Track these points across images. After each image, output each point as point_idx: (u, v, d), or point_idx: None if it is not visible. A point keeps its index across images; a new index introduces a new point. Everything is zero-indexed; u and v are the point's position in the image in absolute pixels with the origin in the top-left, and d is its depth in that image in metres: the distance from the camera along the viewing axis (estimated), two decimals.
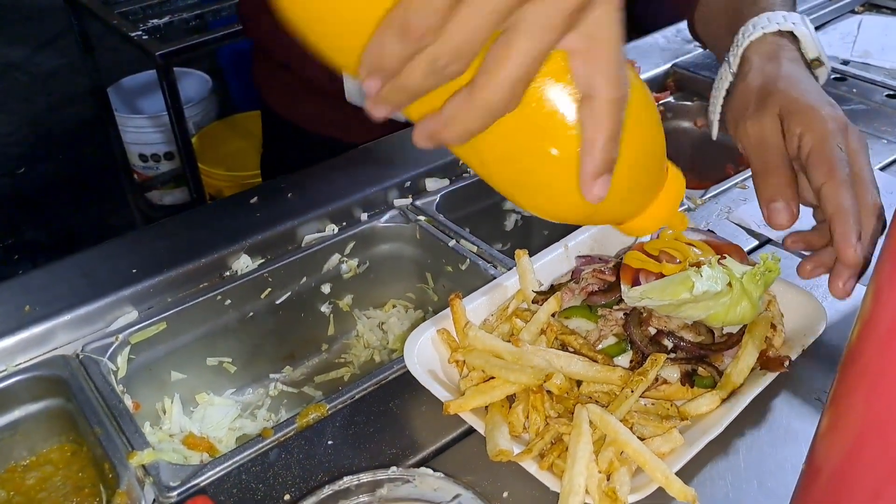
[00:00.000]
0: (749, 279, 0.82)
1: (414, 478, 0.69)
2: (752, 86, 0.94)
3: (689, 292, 0.79)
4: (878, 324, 0.55)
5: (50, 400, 0.96)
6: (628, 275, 0.89)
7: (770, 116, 0.90)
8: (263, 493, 0.79)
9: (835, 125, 0.86)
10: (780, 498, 0.76)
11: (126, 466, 0.83)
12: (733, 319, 0.83)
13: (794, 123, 0.87)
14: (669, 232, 0.91)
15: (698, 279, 0.80)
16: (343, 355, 1.23)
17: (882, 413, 0.56)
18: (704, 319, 0.84)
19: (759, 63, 0.96)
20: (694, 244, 0.90)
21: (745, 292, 0.82)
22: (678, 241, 0.90)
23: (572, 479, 0.72)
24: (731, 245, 0.93)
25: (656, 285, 0.83)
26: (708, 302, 0.81)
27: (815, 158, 0.85)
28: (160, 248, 1.11)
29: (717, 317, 0.83)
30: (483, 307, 0.95)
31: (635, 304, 0.86)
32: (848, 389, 0.59)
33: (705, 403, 0.81)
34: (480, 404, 0.81)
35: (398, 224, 1.21)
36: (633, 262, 0.89)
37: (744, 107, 0.94)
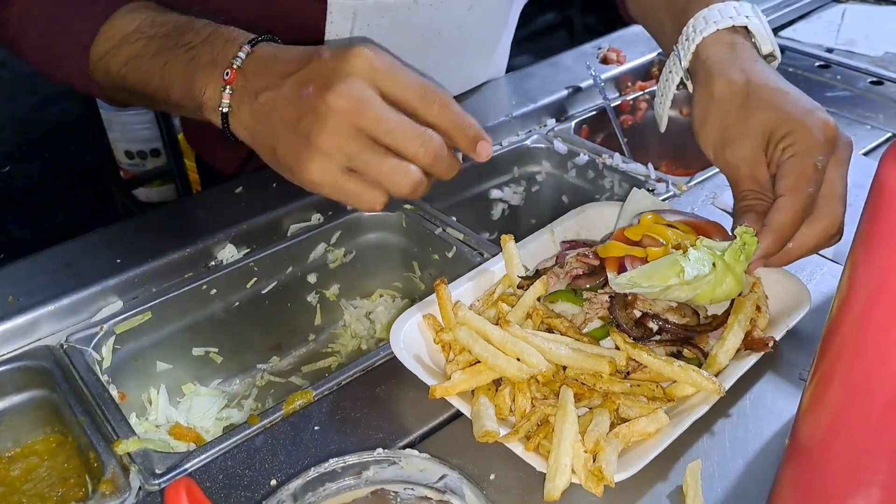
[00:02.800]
0: (731, 255, 0.83)
1: (400, 459, 0.68)
2: (726, 106, 0.90)
3: (678, 277, 0.79)
4: (854, 301, 0.56)
5: (34, 390, 0.95)
6: (613, 262, 0.89)
7: (751, 139, 0.87)
8: (250, 478, 0.79)
9: (823, 137, 0.84)
10: (766, 476, 0.76)
11: (111, 455, 0.83)
12: (720, 296, 0.84)
13: (782, 138, 0.85)
14: (650, 217, 0.92)
15: (687, 263, 0.80)
16: (330, 345, 1.23)
17: (861, 386, 0.57)
18: (691, 300, 0.84)
19: (721, 69, 0.92)
20: (674, 225, 0.91)
21: (728, 269, 0.82)
22: (658, 225, 0.91)
23: (558, 459, 0.72)
24: (710, 223, 0.94)
25: (644, 271, 0.83)
26: (693, 283, 0.81)
27: (786, 169, 0.84)
28: (145, 237, 1.11)
29: (703, 296, 0.83)
30: (469, 293, 0.95)
31: (624, 290, 0.86)
32: (828, 365, 0.60)
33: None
34: (467, 388, 0.81)
35: (384, 213, 1.21)
36: (616, 251, 0.89)
37: (721, 130, 0.90)
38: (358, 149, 0.73)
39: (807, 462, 0.64)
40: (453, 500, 0.69)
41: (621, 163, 1.29)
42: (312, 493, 0.68)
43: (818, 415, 0.61)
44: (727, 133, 0.89)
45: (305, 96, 0.73)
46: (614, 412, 0.79)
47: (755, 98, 0.88)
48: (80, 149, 3.75)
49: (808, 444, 0.63)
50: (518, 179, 1.38)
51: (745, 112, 0.88)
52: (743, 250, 0.83)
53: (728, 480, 0.77)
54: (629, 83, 1.53)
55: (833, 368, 0.59)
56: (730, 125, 0.89)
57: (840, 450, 0.59)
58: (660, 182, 1.23)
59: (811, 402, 0.63)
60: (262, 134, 0.78)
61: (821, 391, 0.61)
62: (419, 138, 0.74)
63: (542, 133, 1.39)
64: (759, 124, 0.87)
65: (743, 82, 0.90)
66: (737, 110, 0.89)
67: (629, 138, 1.42)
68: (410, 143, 0.73)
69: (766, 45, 0.97)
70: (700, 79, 0.95)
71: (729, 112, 0.89)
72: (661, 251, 0.85)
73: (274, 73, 0.77)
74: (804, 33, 1.69)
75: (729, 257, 0.82)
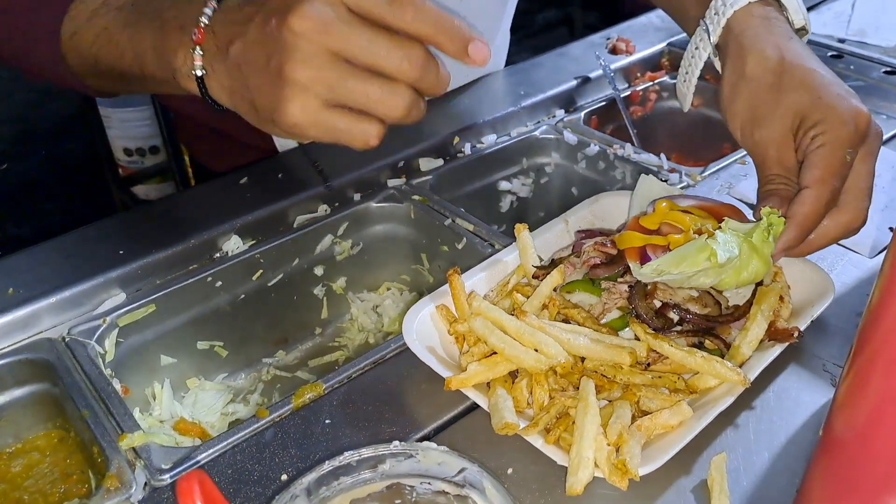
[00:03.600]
0: (758, 237, 0.80)
1: (417, 452, 0.66)
2: (757, 83, 0.87)
3: (710, 261, 0.77)
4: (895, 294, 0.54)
5: (36, 384, 0.93)
6: (634, 253, 0.86)
7: (781, 121, 0.84)
8: (260, 473, 0.77)
9: (854, 128, 0.82)
10: (792, 470, 0.74)
11: (116, 450, 0.80)
12: (745, 280, 0.81)
13: (813, 125, 0.82)
14: (664, 205, 0.89)
15: (717, 246, 0.78)
16: (337, 339, 1.20)
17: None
18: (717, 285, 0.82)
19: (753, 44, 0.88)
20: (690, 211, 0.88)
21: (754, 250, 0.80)
22: (675, 212, 0.88)
23: (581, 453, 0.69)
24: (724, 206, 0.91)
25: (670, 258, 0.81)
26: (723, 267, 0.79)
27: (814, 159, 0.82)
28: (148, 229, 1.08)
29: (728, 281, 0.81)
30: (482, 283, 0.93)
31: (651, 280, 0.84)
32: (868, 356, 0.57)
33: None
34: (483, 380, 0.79)
35: (392, 204, 1.19)
36: (635, 241, 0.87)
37: (751, 109, 0.87)
38: (336, 75, 0.65)
39: (842, 456, 0.61)
40: (472, 495, 0.66)
41: (633, 153, 1.27)
42: (326, 488, 0.65)
43: (856, 408, 0.59)
44: (757, 112, 0.86)
45: (269, 31, 0.66)
46: (635, 404, 0.77)
47: (788, 78, 0.85)
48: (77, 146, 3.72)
49: (843, 438, 0.61)
50: (527, 171, 1.36)
51: (778, 92, 0.85)
52: (770, 230, 0.80)
53: (754, 474, 0.74)
54: (638, 74, 1.51)
55: (873, 360, 0.56)
56: (760, 104, 0.86)
57: (880, 444, 0.57)
58: (673, 172, 1.21)
59: (848, 394, 0.60)
60: (240, 90, 0.71)
61: (859, 383, 0.58)
62: (399, 50, 0.65)
63: (551, 124, 1.37)
64: (791, 106, 0.84)
65: (777, 60, 0.86)
66: (768, 89, 0.86)
67: (638, 129, 1.40)
68: (391, 57, 0.65)
69: (799, 18, 0.94)
70: (731, 53, 0.91)
71: (760, 90, 0.86)
72: (682, 238, 0.83)
73: (239, 21, 0.70)
74: (814, 24, 1.66)
75: (756, 239, 0.80)
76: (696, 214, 0.88)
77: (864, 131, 0.83)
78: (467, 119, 1.32)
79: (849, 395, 0.60)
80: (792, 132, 0.84)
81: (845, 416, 0.61)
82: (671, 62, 1.54)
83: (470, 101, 1.37)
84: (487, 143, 1.32)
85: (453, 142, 1.29)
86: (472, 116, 1.33)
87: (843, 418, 0.61)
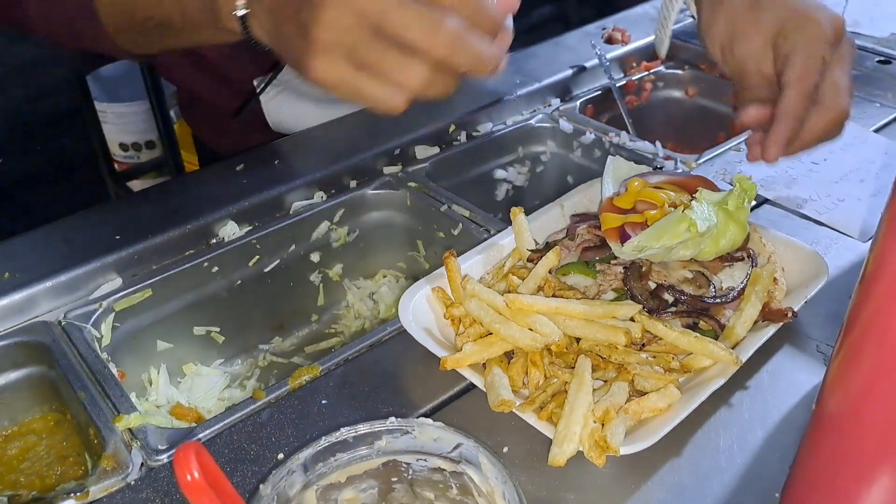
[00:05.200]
0: (734, 203, 0.82)
1: (413, 428, 0.66)
2: (735, 6, 0.92)
3: (689, 231, 0.78)
4: (886, 271, 0.54)
5: (32, 367, 0.93)
6: (613, 233, 0.87)
7: (760, 35, 0.89)
8: (256, 452, 0.77)
9: (830, 30, 0.87)
10: (785, 448, 0.75)
11: (112, 430, 0.80)
12: (725, 247, 0.83)
13: (791, 31, 0.87)
14: (636, 184, 0.90)
15: (695, 216, 0.79)
16: (333, 325, 1.21)
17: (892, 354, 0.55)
18: (698, 255, 0.82)
19: None
20: (661, 186, 0.89)
21: (730, 217, 0.82)
22: (648, 189, 0.89)
23: (568, 426, 0.70)
24: (694, 178, 0.92)
25: (649, 233, 0.82)
26: (703, 236, 0.79)
27: (794, 59, 0.86)
28: (145, 214, 1.08)
29: (707, 251, 0.82)
30: (478, 265, 0.93)
31: (633, 257, 0.84)
32: (858, 333, 0.58)
33: None
34: (479, 360, 0.79)
35: (388, 191, 1.19)
36: (612, 222, 0.87)
37: (730, 28, 0.92)
38: (358, 39, 0.63)
39: (834, 432, 0.62)
40: (468, 470, 0.66)
41: (628, 141, 1.27)
42: (323, 464, 0.66)
43: (847, 383, 0.59)
44: (736, 30, 0.91)
45: None
46: (630, 384, 0.77)
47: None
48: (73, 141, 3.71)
49: (836, 414, 0.61)
50: (522, 159, 1.36)
51: (755, 11, 0.90)
52: (745, 196, 0.82)
53: (748, 452, 0.75)
54: (634, 63, 1.51)
55: (864, 336, 0.57)
56: (738, 22, 0.91)
57: (871, 418, 0.57)
58: (668, 160, 1.21)
59: (839, 370, 0.60)
60: (276, 34, 0.71)
61: (850, 359, 0.59)
62: (425, 22, 0.62)
63: (546, 112, 1.37)
64: (768, 21, 0.89)
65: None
66: (746, 9, 0.91)
67: (634, 118, 1.40)
68: (415, 28, 0.62)
69: None
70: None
71: (738, 12, 0.92)
72: (659, 213, 0.84)
73: None
74: None
75: (731, 205, 0.82)
76: (669, 189, 0.89)
77: (840, 32, 0.88)
78: (463, 107, 1.32)
79: (840, 370, 0.61)
80: (770, 45, 0.89)
81: (837, 392, 0.61)
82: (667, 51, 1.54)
83: (466, 90, 1.37)
84: (483, 131, 1.32)
85: (449, 129, 1.29)
86: (469, 104, 1.33)
87: (834, 394, 0.62)
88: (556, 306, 0.79)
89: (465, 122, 1.31)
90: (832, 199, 1.08)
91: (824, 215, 1.05)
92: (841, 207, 1.07)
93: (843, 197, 1.09)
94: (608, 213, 0.88)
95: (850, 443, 0.61)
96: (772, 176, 1.14)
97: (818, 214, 1.06)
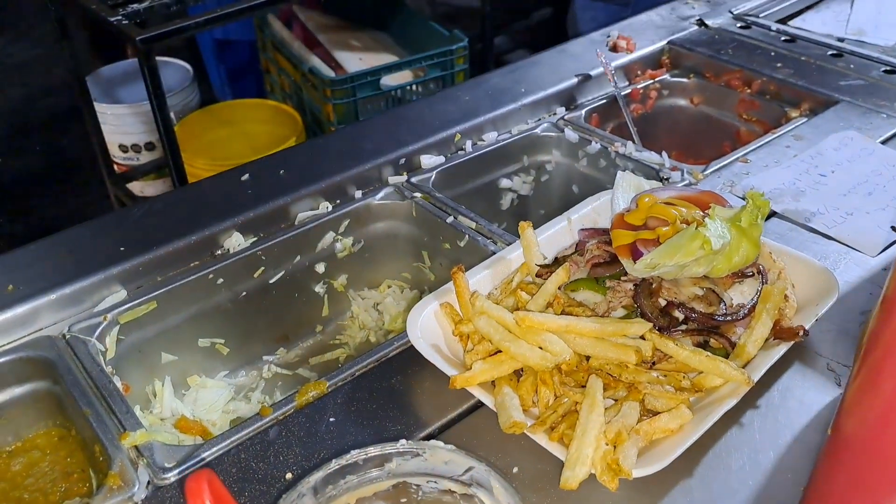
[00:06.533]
0: (747, 219, 0.81)
1: (424, 451, 0.66)
2: None
3: (703, 249, 0.77)
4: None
5: (36, 382, 0.92)
6: (625, 250, 0.86)
7: None
8: (264, 471, 0.76)
9: None
10: (798, 469, 0.74)
11: (118, 448, 0.80)
12: (738, 264, 0.82)
13: None
14: (647, 200, 0.89)
15: (709, 233, 0.78)
16: (338, 336, 1.20)
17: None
18: (710, 272, 0.82)
19: None
20: (672, 202, 0.89)
21: (743, 234, 0.81)
22: (659, 205, 0.88)
23: (581, 449, 0.69)
24: (704, 193, 0.92)
25: (662, 251, 0.81)
26: (717, 253, 0.79)
27: None
28: (149, 225, 1.08)
29: (720, 268, 0.81)
30: (486, 281, 0.92)
31: (645, 275, 0.84)
32: (879, 355, 0.57)
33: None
34: (488, 378, 0.79)
35: (393, 201, 1.18)
36: (624, 239, 0.87)
37: None
38: None
39: (852, 456, 0.61)
40: (479, 494, 0.66)
41: (634, 151, 1.26)
42: (333, 486, 0.65)
43: (867, 407, 0.59)
44: None
45: None
46: (640, 403, 0.77)
47: None
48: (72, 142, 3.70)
49: (853, 438, 0.61)
50: (528, 168, 1.36)
51: None
52: (759, 212, 0.81)
53: (760, 473, 0.74)
54: (639, 71, 1.51)
55: (885, 358, 0.56)
56: None
57: (891, 443, 0.57)
58: (675, 171, 1.20)
59: (858, 394, 0.60)
60: None
61: (870, 383, 0.58)
62: None
63: (552, 121, 1.36)
64: None
65: None
66: None
67: (639, 127, 1.40)
68: None
69: None
70: None
71: None
72: (671, 230, 0.83)
73: None
74: (813, 23, 1.67)
75: (745, 222, 0.81)
76: (679, 205, 0.88)
77: None
78: (468, 116, 1.31)
79: (858, 394, 0.60)
80: None
81: (855, 416, 0.61)
82: (672, 60, 1.54)
83: (471, 99, 1.37)
84: (488, 140, 1.31)
85: (454, 139, 1.28)
86: (474, 113, 1.32)
87: (852, 418, 0.61)
88: (566, 324, 0.79)
89: (470, 131, 1.30)
90: (840, 212, 1.08)
91: (833, 229, 1.05)
92: (849, 221, 1.06)
93: (852, 210, 1.08)
94: (619, 230, 0.87)
95: (867, 468, 0.60)
96: (780, 189, 1.13)
97: (827, 228, 1.05)
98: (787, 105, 1.39)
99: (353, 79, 2.38)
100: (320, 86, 2.43)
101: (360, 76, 2.38)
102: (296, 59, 2.63)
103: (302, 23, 2.92)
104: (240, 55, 3.43)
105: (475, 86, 1.43)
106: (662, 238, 0.84)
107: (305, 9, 2.99)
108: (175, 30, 2.36)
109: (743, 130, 1.45)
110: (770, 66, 1.46)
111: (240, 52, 3.43)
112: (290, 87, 2.86)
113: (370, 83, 2.41)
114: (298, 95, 2.75)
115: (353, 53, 2.75)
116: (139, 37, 2.27)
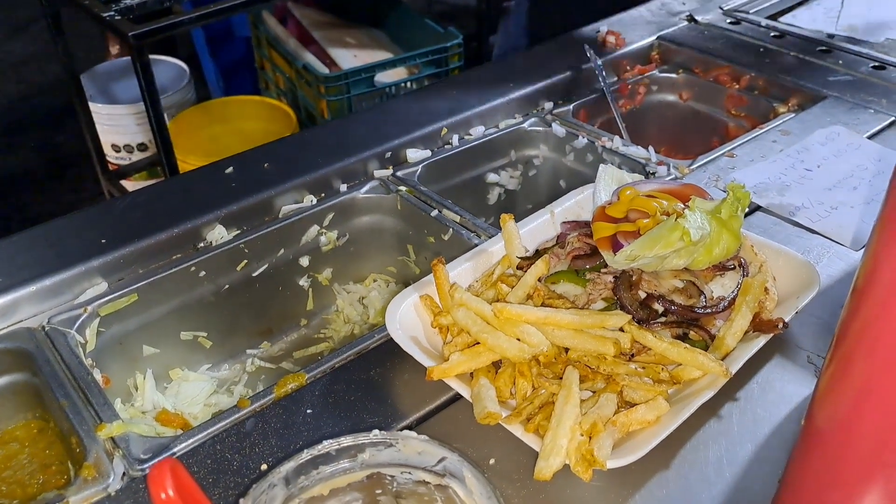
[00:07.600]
0: (727, 211, 0.81)
1: (397, 441, 0.65)
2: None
3: (683, 240, 0.77)
4: (877, 284, 0.54)
5: (15, 374, 0.92)
6: (605, 242, 0.86)
7: None
8: (239, 462, 0.76)
9: None
10: (775, 460, 0.74)
11: (94, 439, 0.79)
12: (718, 256, 0.82)
13: None
14: (628, 192, 0.89)
15: (689, 225, 0.78)
16: (322, 330, 1.19)
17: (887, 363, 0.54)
18: (691, 265, 0.81)
19: None
20: (653, 195, 0.88)
21: (723, 226, 0.80)
22: (640, 198, 0.88)
23: (555, 440, 0.69)
24: (685, 186, 0.91)
25: (642, 242, 0.81)
26: (697, 244, 0.78)
27: None
28: (131, 217, 1.07)
29: (700, 260, 0.81)
30: (467, 273, 0.92)
31: (625, 266, 0.83)
32: (850, 344, 0.57)
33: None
34: (466, 370, 0.78)
35: (378, 195, 1.18)
36: (605, 231, 0.86)
37: None
38: None
39: (824, 447, 0.61)
40: (452, 484, 0.65)
41: (621, 146, 1.26)
42: (305, 477, 0.65)
43: (839, 396, 0.58)
44: None
45: None
46: (618, 395, 0.76)
47: None
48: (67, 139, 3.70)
49: (826, 427, 0.60)
50: (515, 163, 1.35)
51: None
52: (739, 204, 0.81)
53: (737, 466, 0.74)
54: (628, 67, 1.50)
55: (856, 347, 0.56)
56: None
57: (861, 434, 0.56)
58: (661, 165, 1.20)
59: (829, 385, 0.60)
60: None
61: (840, 374, 0.58)
62: None
63: (539, 116, 1.36)
64: None
65: None
66: None
67: (627, 123, 1.39)
68: None
69: None
70: None
71: None
72: (651, 222, 0.83)
73: None
74: (804, 19, 1.66)
75: (725, 214, 0.80)
76: (661, 198, 0.88)
77: None
78: (455, 110, 1.31)
79: (830, 386, 0.60)
80: None
81: (827, 407, 0.61)
82: (661, 55, 1.54)
83: (458, 93, 1.36)
84: (475, 134, 1.31)
85: (441, 133, 1.28)
86: (461, 108, 1.32)
87: (824, 409, 0.61)
88: (545, 316, 0.78)
89: (457, 125, 1.30)
90: (825, 206, 1.08)
91: (817, 223, 1.04)
92: (834, 215, 1.06)
93: (836, 205, 1.08)
94: (600, 223, 0.87)
95: (839, 459, 0.60)
96: (764, 183, 1.13)
97: (811, 222, 1.05)
98: (775, 100, 1.39)
99: (347, 75, 2.37)
100: (314, 82, 2.42)
101: (354, 73, 2.38)
102: (290, 55, 2.63)
103: (297, 19, 2.92)
104: (235, 52, 3.42)
105: (463, 80, 1.43)
106: (643, 230, 0.83)
107: (300, 5, 2.99)
108: (168, 25, 2.36)
109: (731, 126, 1.44)
110: (759, 61, 1.45)
111: (235, 48, 3.42)
112: (284, 84, 2.86)
113: (364, 80, 2.40)
114: (293, 92, 2.75)
115: (348, 50, 2.75)
116: (132, 32, 2.26)
